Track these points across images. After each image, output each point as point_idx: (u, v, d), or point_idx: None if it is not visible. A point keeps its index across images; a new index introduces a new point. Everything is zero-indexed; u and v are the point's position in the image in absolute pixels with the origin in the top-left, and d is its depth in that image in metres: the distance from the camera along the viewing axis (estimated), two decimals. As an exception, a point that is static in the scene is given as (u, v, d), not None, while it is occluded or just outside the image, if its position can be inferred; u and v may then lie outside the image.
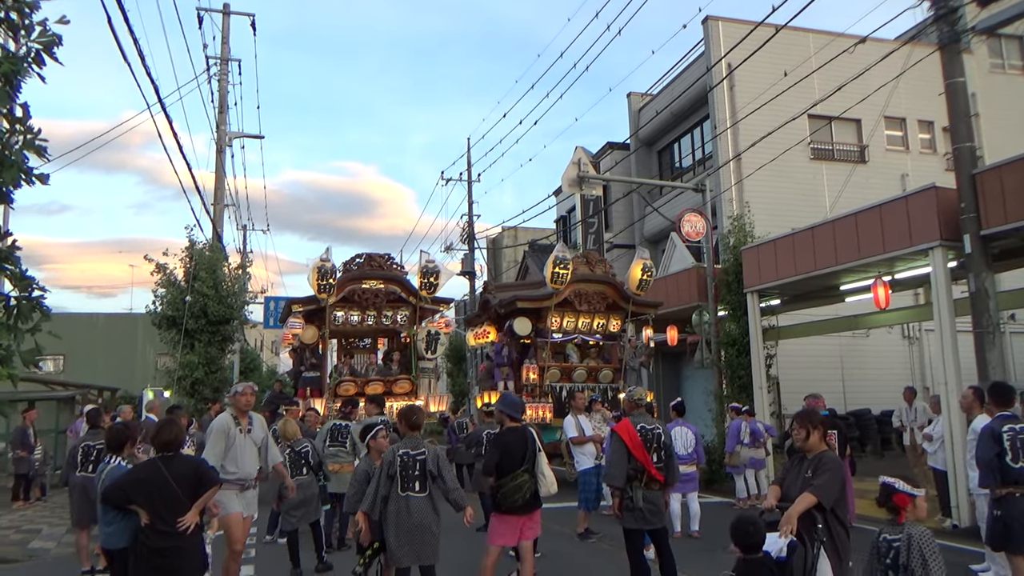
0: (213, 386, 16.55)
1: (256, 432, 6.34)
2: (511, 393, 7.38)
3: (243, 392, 6.32)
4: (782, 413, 17.01)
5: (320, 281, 13.65)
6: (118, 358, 32.05)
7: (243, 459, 6.16)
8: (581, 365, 14.60)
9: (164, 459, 4.99)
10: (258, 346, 46.62)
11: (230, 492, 6.07)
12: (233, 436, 6.14)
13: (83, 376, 26.61)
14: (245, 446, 6.21)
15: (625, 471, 5.87)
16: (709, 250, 15.75)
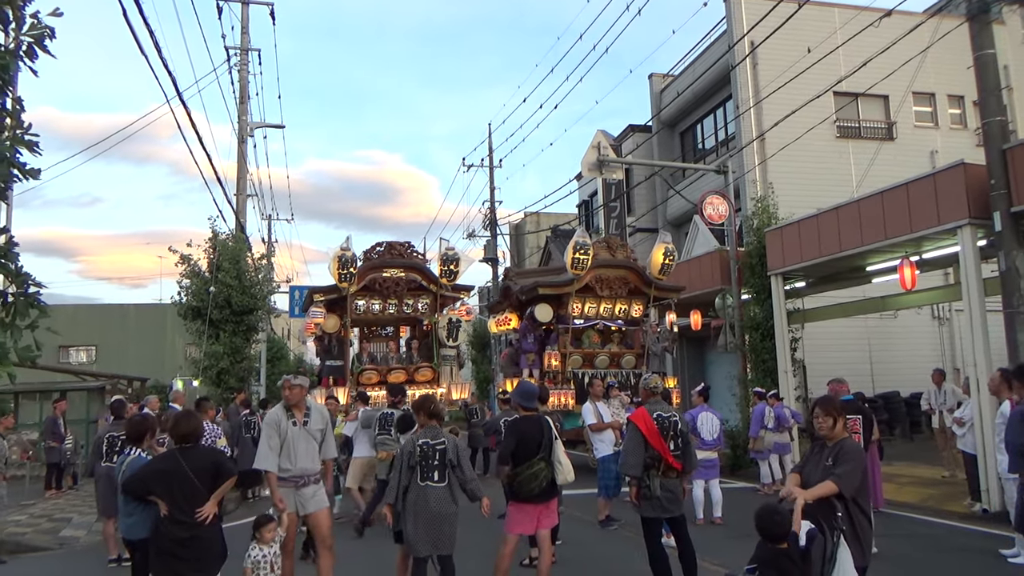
0: (238, 376, 16.74)
1: (314, 423, 5.95)
2: (528, 381, 7.32)
3: (288, 386, 5.93)
4: (808, 397, 16.80)
5: (341, 270, 13.69)
6: (148, 348, 32.58)
7: (297, 453, 5.79)
8: (603, 351, 14.53)
9: (182, 451, 5.04)
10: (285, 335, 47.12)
11: (285, 490, 5.78)
12: (285, 430, 5.78)
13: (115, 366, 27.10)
14: (299, 439, 5.82)
15: (642, 460, 5.80)
16: (732, 233, 15.53)
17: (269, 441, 5.74)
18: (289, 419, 5.83)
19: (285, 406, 5.89)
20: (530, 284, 14.59)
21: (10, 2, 2.70)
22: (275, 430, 5.76)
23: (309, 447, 5.87)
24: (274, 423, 5.79)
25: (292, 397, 5.89)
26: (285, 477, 5.75)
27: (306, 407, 5.94)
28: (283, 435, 5.75)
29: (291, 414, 5.86)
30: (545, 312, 14.20)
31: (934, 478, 11.73)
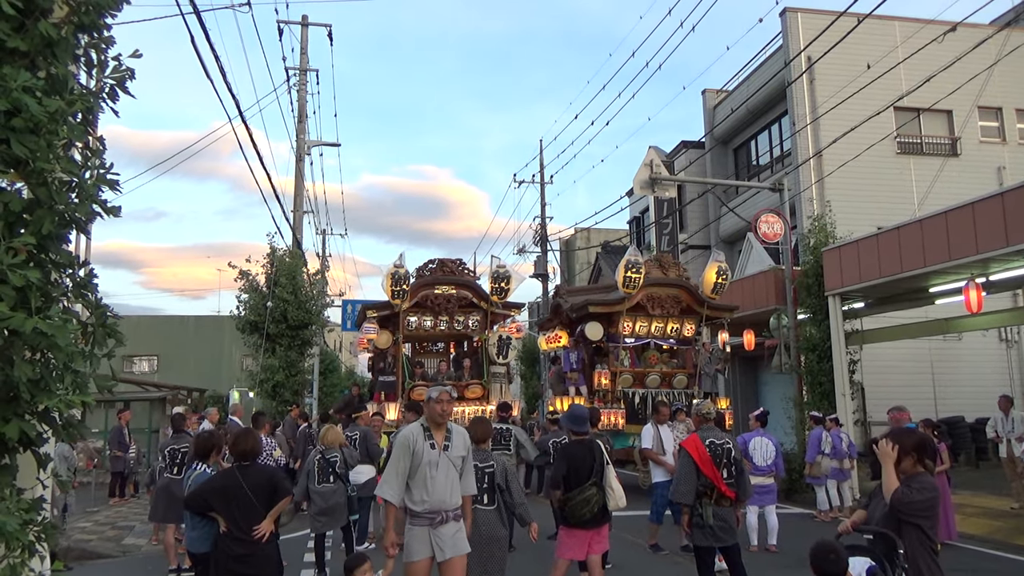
0: (293, 389, 17.06)
1: (456, 448, 4.88)
2: (578, 405, 7.30)
3: (438, 399, 4.85)
4: (867, 420, 16.33)
5: (394, 287, 13.90)
6: (207, 359, 33.48)
7: (435, 484, 4.71)
8: (655, 370, 14.38)
9: (241, 468, 5.16)
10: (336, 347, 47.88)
11: (417, 530, 4.74)
12: (422, 453, 4.73)
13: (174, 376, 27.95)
14: (440, 467, 4.75)
15: (694, 488, 5.74)
16: (788, 251, 15.25)
17: (397, 465, 4.73)
18: (427, 440, 4.78)
19: (424, 424, 4.88)
20: (580, 302, 14.57)
21: (95, 46, 2.86)
22: (407, 452, 4.74)
23: (450, 476, 4.79)
24: (407, 444, 4.75)
25: (439, 413, 4.84)
26: (419, 511, 4.74)
27: (447, 430, 4.91)
28: (418, 459, 4.72)
29: (430, 434, 4.81)
30: (596, 330, 14.16)
31: (1002, 509, 11.26)
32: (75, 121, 2.73)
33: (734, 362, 19.01)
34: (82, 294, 2.78)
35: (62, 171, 2.61)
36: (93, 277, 2.80)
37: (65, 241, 2.77)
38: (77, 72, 2.91)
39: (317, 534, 7.95)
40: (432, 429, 4.84)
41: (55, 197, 2.61)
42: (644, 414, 13.92)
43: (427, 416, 4.89)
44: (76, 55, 2.83)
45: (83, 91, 2.81)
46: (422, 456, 4.72)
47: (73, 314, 2.73)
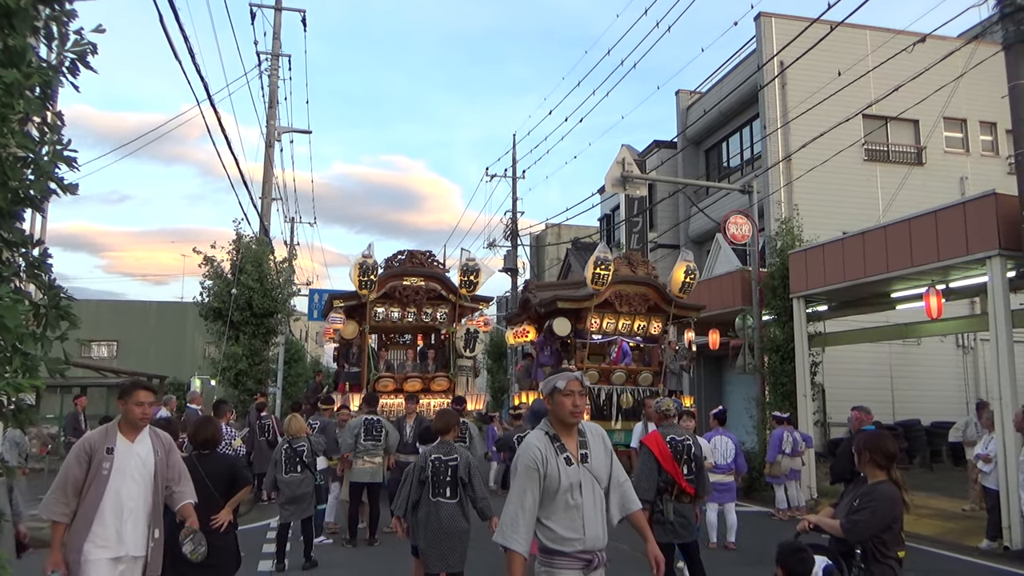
0: (256, 378, 16.85)
1: (597, 459, 3.43)
2: (540, 401, 7.32)
3: (567, 389, 3.36)
4: (827, 422, 16.62)
5: (362, 277, 13.77)
6: (168, 346, 32.97)
7: (585, 513, 3.30)
8: (620, 367, 14.46)
9: (200, 456, 5.10)
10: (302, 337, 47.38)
11: (570, 573, 3.30)
12: (557, 475, 3.28)
13: (134, 363, 27.46)
14: (585, 489, 3.32)
15: (655, 484, 5.79)
16: (755, 253, 15.44)
17: (522, 499, 3.26)
18: (560, 454, 3.32)
19: (549, 431, 3.39)
20: (549, 297, 14.58)
21: (56, 19, 2.77)
22: (535, 479, 3.27)
23: (597, 499, 3.36)
24: (534, 466, 3.28)
25: (571, 411, 3.37)
26: (567, 552, 3.28)
27: (580, 433, 3.46)
28: (552, 484, 3.27)
29: (560, 444, 3.34)
30: (563, 326, 14.18)
31: (953, 511, 11.55)
32: (33, 95, 2.64)
33: (699, 361, 19.21)
34: (35, 274, 2.69)
35: (17, 146, 2.53)
36: (47, 257, 2.72)
37: (19, 219, 2.68)
38: (36, 45, 2.82)
39: (281, 524, 7.90)
40: (561, 435, 3.37)
41: (8, 173, 2.52)
42: (609, 410, 14.01)
43: (552, 416, 3.43)
44: (35, 27, 2.74)
45: (42, 64, 2.72)
46: (558, 479, 3.27)
47: (25, 295, 2.65)
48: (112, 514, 4.19)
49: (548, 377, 3.50)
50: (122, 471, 4.25)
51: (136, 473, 4.30)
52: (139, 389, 4.39)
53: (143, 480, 4.31)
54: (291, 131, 21.46)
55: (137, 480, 4.29)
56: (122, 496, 4.22)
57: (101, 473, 4.18)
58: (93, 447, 4.24)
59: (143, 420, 4.42)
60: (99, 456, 4.21)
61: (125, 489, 4.24)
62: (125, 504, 4.22)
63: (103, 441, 4.29)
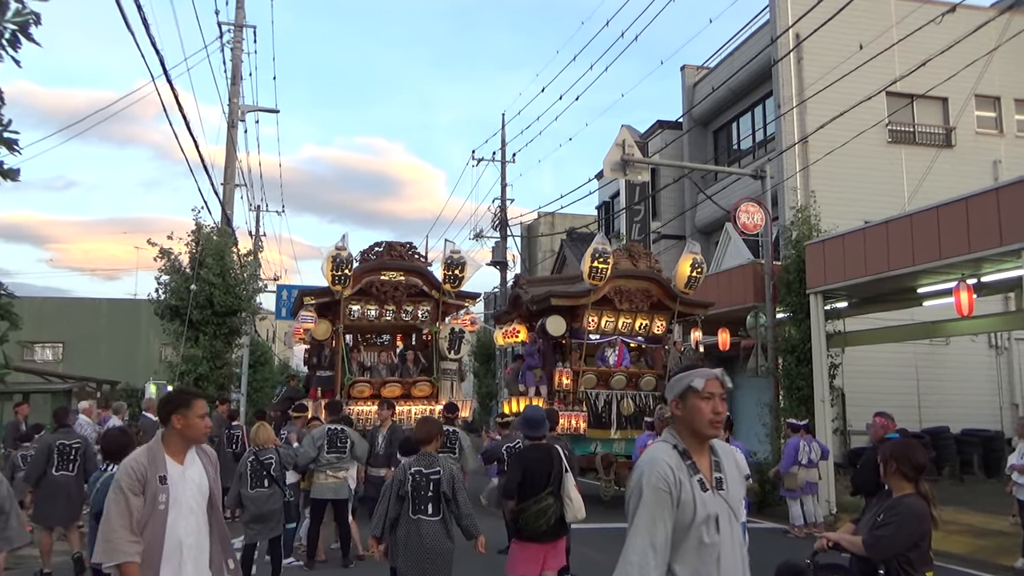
0: (218, 383, 16.78)
1: (732, 485, 2.90)
2: (535, 407, 7.32)
3: (706, 391, 2.85)
4: (847, 429, 16.72)
5: (335, 272, 13.73)
6: (120, 348, 32.77)
7: (723, 554, 2.76)
8: (620, 370, 14.50)
9: None
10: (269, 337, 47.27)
11: None
12: (690, 500, 2.74)
13: (83, 366, 27.26)
14: (723, 524, 2.78)
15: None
16: (768, 244, 15.50)
17: (651, 531, 2.70)
18: (693, 475, 2.79)
19: (678, 445, 2.86)
20: (542, 293, 14.59)
21: (-7, -14, 2.74)
22: (667, 506, 2.73)
23: (735, 536, 2.84)
24: (665, 488, 2.73)
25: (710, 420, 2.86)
26: None
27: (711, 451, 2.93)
28: (686, 515, 2.73)
29: (693, 465, 2.82)
30: (557, 325, 14.21)
31: (985, 527, 11.62)
32: (-36, 68, 2.61)
33: (706, 363, 19.26)
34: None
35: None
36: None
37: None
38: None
39: (246, 544, 7.85)
40: (693, 452, 2.85)
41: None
42: (608, 418, 14.07)
43: (681, 425, 2.90)
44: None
45: (-26, 34, 2.69)
46: (693, 508, 2.73)
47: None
48: (171, 560, 3.78)
49: (677, 375, 2.94)
50: (178, 503, 3.83)
51: (193, 503, 3.92)
52: (198, 398, 4.03)
53: (200, 511, 3.94)
54: (256, 110, 21.34)
55: (195, 511, 3.91)
56: (179, 533, 3.80)
57: (157, 508, 3.75)
58: (145, 475, 3.78)
59: (206, 436, 4.09)
60: (152, 487, 3.77)
61: (183, 524, 3.84)
62: (184, 542, 3.82)
63: (152, 467, 3.82)
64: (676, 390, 2.92)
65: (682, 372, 2.95)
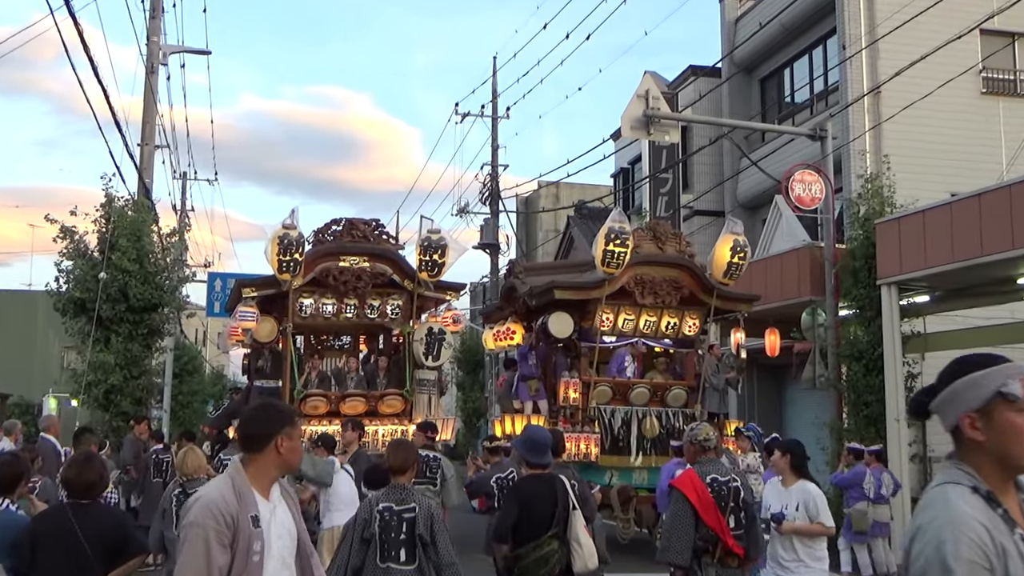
0: (135, 396, 16.77)
1: None
2: (536, 427, 7.33)
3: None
4: (928, 455, 16.76)
5: (282, 256, 13.68)
6: (11, 350, 32.71)
7: None
8: (642, 381, 14.50)
9: (76, 509, 5.00)
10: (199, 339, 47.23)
11: None
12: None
13: (-37, 375, 27.24)
14: None
15: (691, 543, 5.79)
16: (829, 223, 15.49)
17: None
18: (1012, 531, 2.30)
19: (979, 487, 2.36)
20: (543, 284, 14.56)
21: None
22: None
23: None
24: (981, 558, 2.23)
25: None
26: None
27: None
28: None
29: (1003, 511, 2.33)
30: (563, 324, 14.18)
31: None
32: None
33: (751, 372, 19.29)
34: None
35: None
36: None
37: None
38: None
39: None
40: (1000, 493, 2.37)
41: None
42: (626, 441, 14.07)
43: (984, 456, 2.39)
44: None
45: None
46: None
47: None
48: None
49: (971, 375, 2.39)
50: (270, 550, 3.66)
51: (286, 552, 3.77)
52: (295, 417, 3.90)
53: (291, 563, 3.80)
54: (182, 51, 21.28)
55: (287, 564, 3.78)
56: None
57: (251, 561, 3.54)
58: (236, 518, 3.51)
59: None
60: (245, 534, 3.52)
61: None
62: None
63: (242, 507, 3.55)
64: (974, 400, 2.37)
65: (970, 368, 2.39)
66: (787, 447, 7.31)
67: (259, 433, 3.74)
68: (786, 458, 7.13)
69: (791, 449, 7.30)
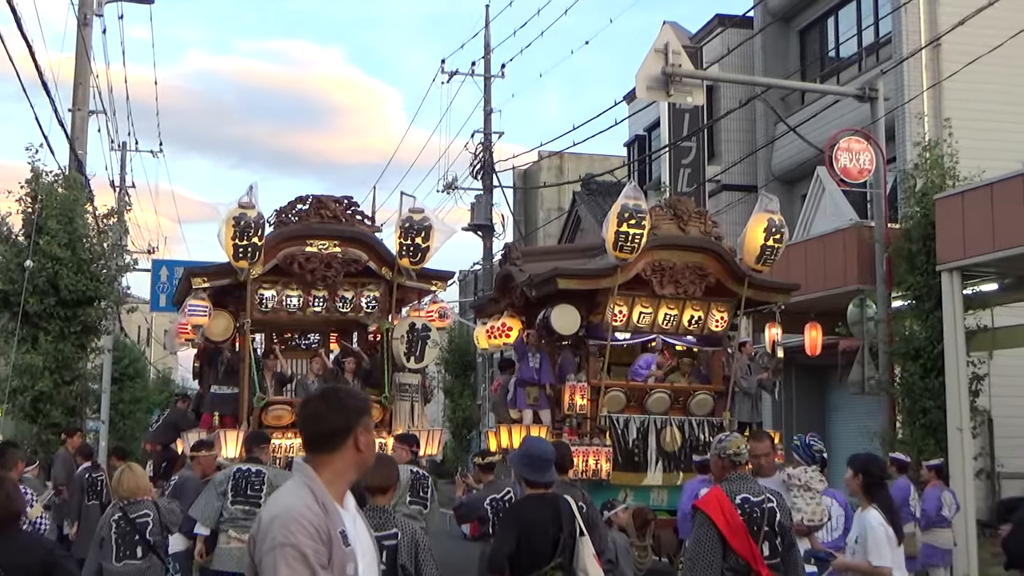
0: (67, 404, 16.79)
1: None
2: (537, 439, 7.32)
3: None
4: (996, 471, 16.79)
5: (238, 241, 13.68)
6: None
7: None
8: (661, 385, 14.50)
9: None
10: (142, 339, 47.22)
11: None
12: None
13: None
14: None
15: (718, 574, 5.82)
16: (881, 199, 15.48)
17: None
18: None
19: None
20: (545, 273, 14.56)
21: None
22: None
23: None
24: None
25: None
26: None
27: None
28: None
29: None
30: (568, 318, 14.16)
31: None
32: None
33: (788, 374, 19.30)
34: None
35: None
36: None
37: None
38: None
39: None
40: None
41: None
42: (642, 455, 14.08)
43: None
44: None
45: None
46: None
47: None
48: None
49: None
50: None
51: (378, 572, 3.78)
52: (369, 404, 3.94)
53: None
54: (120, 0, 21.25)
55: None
56: None
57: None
58: (329, 533, 3.36)
59: None
60: (339, 554, 3.38)
61: None
62: None
63: (330, 522, 3.41)
64: None
65: None
66: (863, 465, 7.24)
67: (334, 428, 3.48)
68: (858, 479, 7.12)
69: (866, 468, 7.23)
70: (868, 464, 7.24)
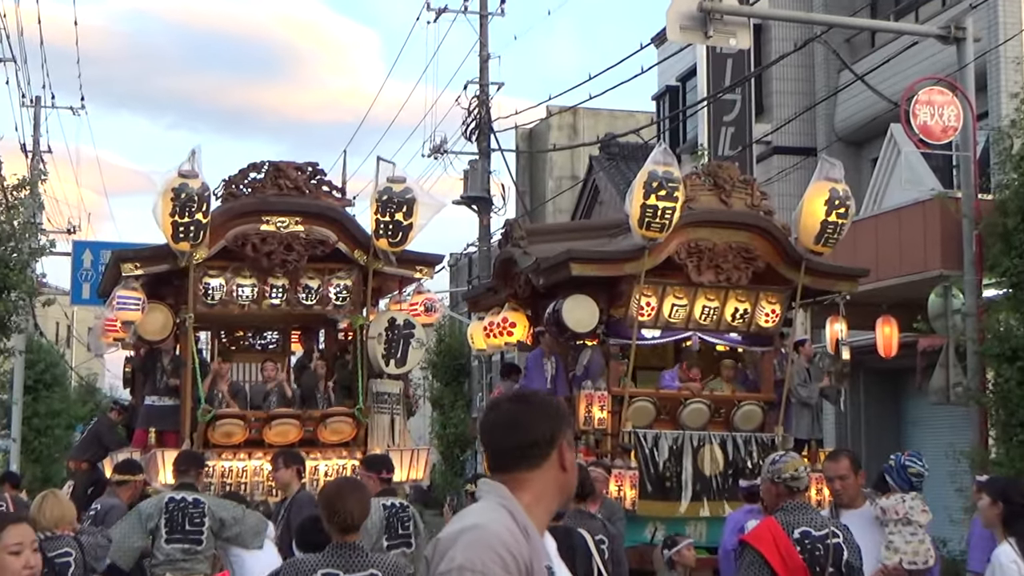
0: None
1: None
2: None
3: None
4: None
5: (178, 218, 13.70)
6: None
7: None
8: (700, 397, 14.49)
9: None
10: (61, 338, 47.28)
11: None
12: None
13: None
14: None
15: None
16: (970, 163, 15.47)
17: None
18: None
19: None
20: (555, 256, 14.56)
21: None
22: None
23: None
24: None
25: None
26: None
27: None
28: None
29: None
30: (583, 312, 14.16)
31: None
32: None
33: (856, 380, 19.31)
34: None
35: None
36: None
37: None
38: None
39: None
40: None
41: None
42: (675, 480, 14.06)
43: None
44: None
45: None
46: None
47: None
48: None
49: None
50: None
51: None
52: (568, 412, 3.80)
53: None
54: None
55: None
56: None
57: None
58: (530, 568, 3.15)
59: None
60: None
61: None
62: None
63: (533, 551, 3.22)
64: None
65: None
66: (1002, 492, 7.24)
67: (535, 438, 3.24)
68: (997, 507, 7.12)
69: (1006, 495, 7.21)
70: (1008, 490, 7.26)
